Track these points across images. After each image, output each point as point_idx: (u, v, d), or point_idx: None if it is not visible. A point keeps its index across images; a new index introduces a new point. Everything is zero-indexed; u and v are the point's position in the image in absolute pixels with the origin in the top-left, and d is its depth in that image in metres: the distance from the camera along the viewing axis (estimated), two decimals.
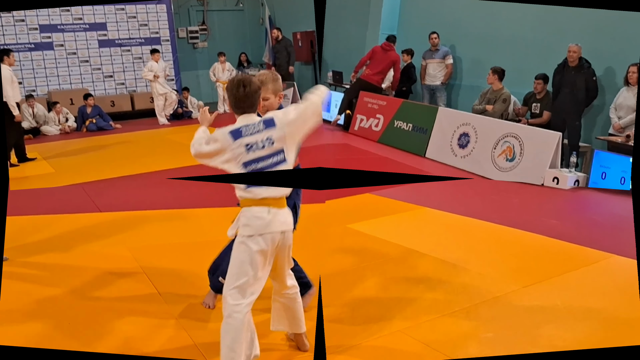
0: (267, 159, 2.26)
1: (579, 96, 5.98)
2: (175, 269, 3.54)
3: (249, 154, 2.24)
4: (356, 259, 3.83)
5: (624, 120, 5.69)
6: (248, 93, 2.27)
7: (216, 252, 3.91)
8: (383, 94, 8.66)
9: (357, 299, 3.20)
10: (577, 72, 5.96)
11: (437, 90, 8.11)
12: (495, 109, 6.68)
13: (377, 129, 7.96)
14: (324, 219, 4.57)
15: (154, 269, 3.51)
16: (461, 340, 2.71)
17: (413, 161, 6.85)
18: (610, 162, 5.27)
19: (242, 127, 2.27)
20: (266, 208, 2.25)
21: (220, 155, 2.28)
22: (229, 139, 2.24)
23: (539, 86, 6.53)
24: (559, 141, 5.64)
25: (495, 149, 6.19)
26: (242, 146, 2.23)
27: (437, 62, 8.05)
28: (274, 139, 2.27)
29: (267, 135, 2.26)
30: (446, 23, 8.42)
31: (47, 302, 3.00)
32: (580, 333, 2.73)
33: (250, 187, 2.25)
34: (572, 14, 6.67)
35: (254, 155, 2.24)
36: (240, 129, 2.27)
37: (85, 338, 2.69)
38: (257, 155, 2.24)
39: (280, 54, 10.59)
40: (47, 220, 4.31)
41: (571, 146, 6.04)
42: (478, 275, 3.46)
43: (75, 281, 3.28)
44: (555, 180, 5.50)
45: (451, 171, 6.45)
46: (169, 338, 2.73)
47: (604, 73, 6.30)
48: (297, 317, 2.56)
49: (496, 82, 6.74)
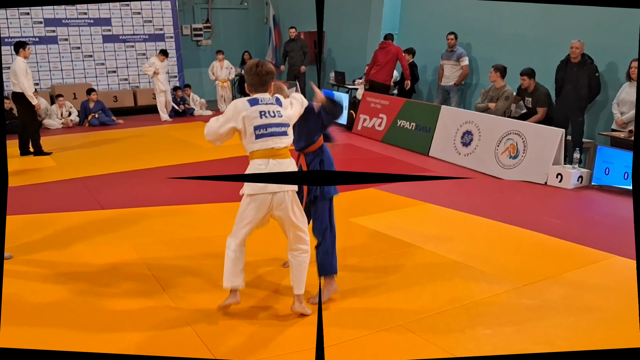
0: (276, 126, 2.71)
1: (582, 92, 5.97)
2: (178, 265, 3.54)
3: (261, 119, 2.68)
4: (358, 252, 3.84)
5: (626, 115, 5.68)
6: (261, 72, 2.70)
7: (217, 246, 3.93)
8: (391, 93, 8.63)
9: (358, 293, 3.20)
10: (580, 68, 5.96)
11: (451, 91, 8.07)
12: (498, 107, 6.68)
13: (381, 128, 7.96)
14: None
15: (157, 265, 3.51)
16: (460, 336, 2.71)
17: (417, 160, 6.85)
18: (613, 157, 5.25)
19: (258, 97, 2.73)
20: (264, 160, 2.70)
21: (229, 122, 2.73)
22: (246, 105, 2.70)
23: (524, 82, 6.49)
24: (562, 138, 5.64)
25: (498, 147, 6.19)
26: (256, 112, 2.68)
27: (452, 63, 7.99)
28: (282, 114, 2.74)
29: (277, 108, 2.73)
30: (447, 22, 8.43)
31: (51, 299, 2.99)
32: (580, 332, 2.73)
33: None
34: (573, 10, 6.68)
35: (266, 121, 2.69)
36: (257, 98, 2.73)
37: (89, 334, 2.67)
38: (268, 122, 2.69)
39: (295, 53, 10.46)
40: (50, 218, 4.31)
41: (574, 142, 6.04)
42: (479, 272, 3.46)
43: (79, 278, 3.27)
44: (559, 177, 5.48)
45: (455, 169, 6.45)
46: (174, 333, 2.71)
47: (607, 68, 6.30)
48: (297, 278, 2.85)
49: (498, 80, 6.74)
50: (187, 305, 3.00)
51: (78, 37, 10.79)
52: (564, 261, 3.62)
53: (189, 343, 2.63)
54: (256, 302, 3.10)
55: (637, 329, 2.67)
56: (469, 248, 3.89)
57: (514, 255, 3.76)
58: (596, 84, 5.98)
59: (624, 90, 5.75)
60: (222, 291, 2.99)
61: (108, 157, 7.01)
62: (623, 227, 4.32)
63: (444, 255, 3.74)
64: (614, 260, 3.63)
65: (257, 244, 3.50)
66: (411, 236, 4.11)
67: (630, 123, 5.63)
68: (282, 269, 3.48)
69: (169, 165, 6.44)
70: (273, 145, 2.68)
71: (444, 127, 6.98)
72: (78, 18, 10.75)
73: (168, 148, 7.54)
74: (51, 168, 6.49)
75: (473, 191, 5.54)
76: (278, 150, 2.69)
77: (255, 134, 2.68)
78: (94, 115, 9.67)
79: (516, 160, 5.96)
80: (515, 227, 4.30)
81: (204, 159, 6.72)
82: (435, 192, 5.39)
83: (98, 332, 2.70)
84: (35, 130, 7.21)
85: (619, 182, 5.20)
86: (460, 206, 4.87)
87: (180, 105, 10.59)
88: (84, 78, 10.92)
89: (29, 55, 7.29)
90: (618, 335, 2.70)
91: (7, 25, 10.14)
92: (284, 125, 2.73)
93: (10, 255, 3.44)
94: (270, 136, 2.68)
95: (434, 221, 4.55)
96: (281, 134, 2.71)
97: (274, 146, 2.68)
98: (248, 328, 2.78)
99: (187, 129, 9.10)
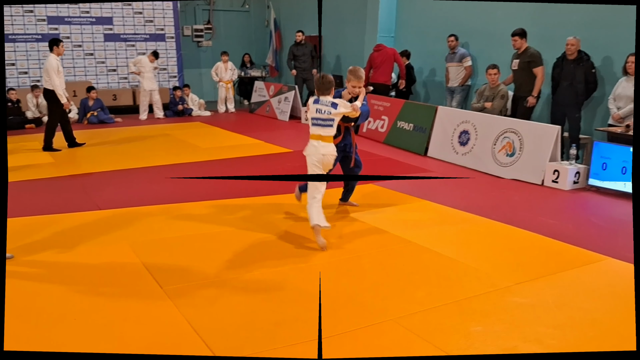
0: (323, 120, 3.90)
1: (579, 88, 6.00)
2: (176, 263, 3.53)
3: (316, 113, 3.91)
4: (356, 247, 3.86)
5: (623, 110, 5.69)
6: (324, 82, 3.90)
7: (216, 244, 3.95)
8: (390, 95, 8.66)
9: (353, 287, 3.21)
10: (576, 65, 5.99)
11: (455, 92, 8.12)
12: (495, 106, 6.71)
13: (383, 130, 7.99)
14: (327, 207, 4.58)
15: (155, 263, 3.50)
16: (451, 332, 2.71)
17: (416, 160, 6.87)
18: (610, 152, 5.24)
19: (320, 98, 3.93)
20: (316, 141, 3.94)
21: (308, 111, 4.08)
22: (312, 102, 3.95)
23: (516, 43, 6.45)
24: (558, 134, 5.66)
25: (495, 145, 6.22)
26: (315, 108, 3.92)
27: (456, 64, 8.03)
28: (331, 113, 3.89)
29: (328, 109, 3.88)
30: (442, 23, 8.50)
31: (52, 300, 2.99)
32: (570, 332, 2.72)
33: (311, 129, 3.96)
34: (568, 6, 6.71)
35: (319, 115, 3.89)
36: (318, 99, 3.94)
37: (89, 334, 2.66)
38: (319, 116, 3.90)
39: (305, 57, 10.35)
40: (49, 220, 4.30)
41: (572, 139, 6.05)
42: (473, 270, 3.46)
43: (79, 278, 3.26)
44: (556, 174, 5.49)
45: (453, 169, 6.47)
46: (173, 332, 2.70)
47: (602, 64, 6.33)
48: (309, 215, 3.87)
49: (496, 80, 6.76)
50: (186, 303, 2.98)
51: (80, 35, 10.84)
52: (558, 261, 3.63)
53: (189, 341, 2.62)
54: (254, 299, 3.10)
55: (627, 331, 2.67)
56: (464, 245, 3.91)
57: (508, 253, 3.77)
58: (593, 80, 6.00)
59: (620, 85, 5.76)
60: (222, 289, 3.05)
61: (105, 155, 7.02)
62: (618, 229, 4.33)
63: (439, 252, 3.75)
64: (608, 262, 3.63)
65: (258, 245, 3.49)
66: (408, 232, 4.13)
67: (627, 118, 5.63)
68: (280, 270, 3.47)
69: (165, 165, 6.46)
70: (321, 132, 3.89)
71: (442, 127, 7.01)
72: (80, 16, 10.80)
73: (165, 147, 7.56)
74: (49, 164, 6.50)
75: (471, 189, 5.57)
76: (323, 136, 3.90)
77: (311, 122, 3.93)
78: (92, 112, 9.70)
79: (513, 158, 5.98)
80: (510, 226, 4.31)
81: (202, 159, 6.73)
82: (434, 190, 5.42)
83: (98, 331, 2.68)
84: (53, 127, 7.24)
85: (616, 177, 5.17)
86: (458, 204, 4.89)
87: (179, 105, 10.61)
88: (85, 76, 10.96)
89: (63, 52, 7.32)
90: (609, 337, 2.69)
91: (12, 22, 10.19)
92: (330, 120, 3.89)
93: (11, 255, 3.45)
94: (319, 126, 3.88)
95: (431, 218, 4.56)
96: (326, 126, 3.89)
97: (321, 133, 3.89)
98: (246, 323, 2.78)
99: (184, 129, 9.12)
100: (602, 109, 6.38)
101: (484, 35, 7.92)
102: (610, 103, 5.88)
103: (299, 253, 3.75)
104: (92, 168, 6.26)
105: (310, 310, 2.88)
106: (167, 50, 11.61)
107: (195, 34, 12.75)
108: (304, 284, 3.23)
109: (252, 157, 6.79)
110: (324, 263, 3.58)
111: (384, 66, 8.39)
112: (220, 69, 11.13)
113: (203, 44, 12.86)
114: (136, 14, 11.25)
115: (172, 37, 11.64)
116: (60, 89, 7.00)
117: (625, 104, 5.68)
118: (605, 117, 6.13)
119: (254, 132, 8.70)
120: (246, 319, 2.82)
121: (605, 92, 6.23)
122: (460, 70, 8.01)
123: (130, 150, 7.38)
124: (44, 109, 9.64)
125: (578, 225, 4.43)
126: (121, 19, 11.12)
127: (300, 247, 3.86)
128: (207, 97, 11.83)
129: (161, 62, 11.30)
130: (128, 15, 11.18)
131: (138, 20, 11.28)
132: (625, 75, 5.71)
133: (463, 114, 6.89)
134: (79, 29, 10.81)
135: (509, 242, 4.01)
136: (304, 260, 3.63)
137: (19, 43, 10.34)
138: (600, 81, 6.17)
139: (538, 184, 5.66)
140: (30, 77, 10.48)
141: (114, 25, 11.10)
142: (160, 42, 11.49)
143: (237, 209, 4.73)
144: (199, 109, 10.94)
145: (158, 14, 11.46)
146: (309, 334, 2.64)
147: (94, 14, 10.88)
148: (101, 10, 10.93)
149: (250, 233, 4.10)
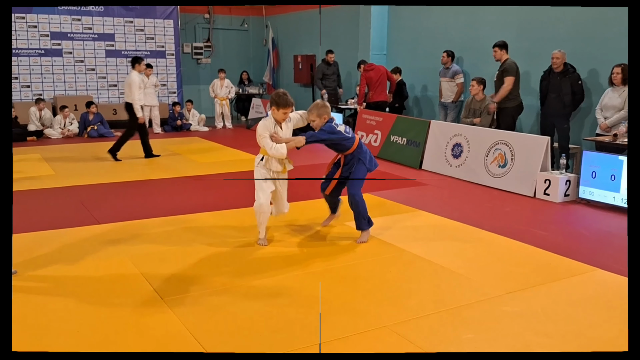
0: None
1: (566, 100, 6.17)
2: (175, 274, 3.58)
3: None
4: (351, 256, 3.94)
5: (610, 120, 5.84)
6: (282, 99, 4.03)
7: (214, 254, 3.99)
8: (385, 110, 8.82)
9: (349, 294, 3.28)
10: (563, 77, 6.16)
11: (449, 107, 8.28)
12: (483, 122, 6.87)
13: (376, 144, 8.12)
14: (322, 216, 4.68)
15: (155, 274, 3.55)
16: (443, 339, 2.78)
17: (410, 173, 6.99)
18: (599, 161, 5.33)
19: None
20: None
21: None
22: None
23: (496, 54, 6.65)
24: (548, 145, 5.79)
25: (487, 157, 6.36)
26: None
27: (448, 80, 8.20)
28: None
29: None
30: (432, 39, 8.71)
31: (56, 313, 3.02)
32: (558, 340, 2.78)
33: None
34: (554, 19, 6.91)
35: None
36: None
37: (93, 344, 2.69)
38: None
39: (334, 77, 10.42)
40: (51, 235, 4.33)
41: (561, 149, 6.19)
42: (465, 279, 3.54)
43: (80, 292, 3.30)
44: (547, 183, 5.60)
45: (447, 181, 6.57)
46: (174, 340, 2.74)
47: (588, 75, 6.50)
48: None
49: (480, 93, 6.93)
50: (186, 312, 3.03)
51: (82, 51, 11.02)
52: (548, 272, 3.70)
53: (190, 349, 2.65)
54: (254, 307, 3.17)
55: (615, 340, 2.75)
56: (457, 255, 3.99)
57: (499, 263, 3.85)
58: (580, 91, 6.18)
59: (607, 96, 5.92)
60: (221, 298, 3.10)
61: (104, 168, 7.12)
62: (607, 241, 4.41)
63: (432, 261, 3.83)
64: (597, 273, 3.70)
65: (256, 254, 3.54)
66: (402, 242, 4.22)
67: (614, 127, 5.78)
68: (278, 278, 3.55)
69: (163, 178, 6.54)
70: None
71: (435, 141, 7.16)
72: (83, 32, 10.99)
73: (164, 161, 7.65)
74: (49, 176, 6.58)
75: (465, 201, 5.66)
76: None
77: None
78: (92, 126, 9.81)
79: (505, 169, 6.12)
80: (502, 237, 4.40)
81: (200, 173, 6.82)
82: (429, 201, 5.52)
83: (101, 342, 2.72)
84: (127, 137, 7.58)
85: (606, 185, 5.26)
86: (451, 214, 4.99)
87: (177, 120, 10.74)
88: (86, 90, 11.11)
89: (144, 69, 7.80)
90: (597, 346, 2.75)
91: (15, 37, 10.37)
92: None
93: (15, 271, 3.49)
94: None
95: (425, 228, 4.65)
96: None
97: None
98: (246, 330, 2.84)
99: (183, 144, 9.22)
100: (589, 119, 6.54)
101: (473, 51, 8.13)
102: (597, 113, 6.03)
103: (296, 261, 3.83)
104: (93, 180, 6.35)
105: (309, 316, 2.95)
106: (167, 66, 11.80)
107: (195, 51, 12.96)
108: (302, 292, 3.30)
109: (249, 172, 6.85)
110: (321, 271, 3.66)
111: (381, 84, 8.58)
112: (217, 86, 11.29)
113: (202, 61, 13.06)
114: (138, 31, 11.46)
115: (172, 54, 11.83)
116: (137, 104, 7.36)
117: (612, 114, 5.85)
118: (593, 126, 6.27)
119: (251, 147, 8.80)
120: (246, 326, 2.88)
121: (592, 103, 6.40)
122: (453, 86, 8.19)
123: (129, 164, 7.46)
124: (46, 121, 9.79)
125: (568, 237, 4.51)
126: (123, 35, 11.32)
127: (298, 256, 3.95)
128: (206, 113, 11.97)
129: (161, 78, 11.48)
130: (130, 32, 11.38)
131: (139, 37, 11.49)
132: (611, 86, 5.87)
133: (455, 127, 7.04)
134: (82, 44, 10.99)
135: (501, 252, 4.10)
136: (301, 267, 3.72)
137: (22, 57, 10.51)
138: (587, 92, 6.35)
139: (530, 196, 5.78)
140: (33, 91, 10.63)
141: (116, 42, 11.29)
142: (160, 59, 11.68)
143: (235, 219, 4.81)
144: (199, 123, 11.08)
145: (159, 32, 11.67)
146: (308, 340, 2.71)
147: (96, 30, 11.08)
148: (103, 27, 11.14)
149: (248, 243, 4.18)
